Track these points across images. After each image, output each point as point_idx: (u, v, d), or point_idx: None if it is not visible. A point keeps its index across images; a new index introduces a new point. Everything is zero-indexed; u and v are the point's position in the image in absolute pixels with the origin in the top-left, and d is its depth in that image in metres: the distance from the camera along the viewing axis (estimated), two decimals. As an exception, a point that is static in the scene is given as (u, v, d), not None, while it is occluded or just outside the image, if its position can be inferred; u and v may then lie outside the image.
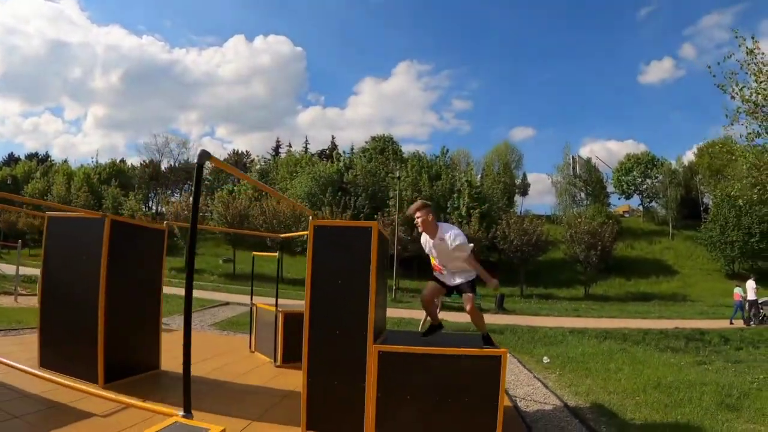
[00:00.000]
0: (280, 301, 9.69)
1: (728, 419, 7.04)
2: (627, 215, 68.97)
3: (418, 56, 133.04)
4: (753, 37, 13.38)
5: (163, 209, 57.97)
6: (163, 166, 79.72)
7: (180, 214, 43.98)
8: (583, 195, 64.43)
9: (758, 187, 14.41)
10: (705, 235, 49.10)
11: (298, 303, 12.80)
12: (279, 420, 5.79)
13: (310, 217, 5.92)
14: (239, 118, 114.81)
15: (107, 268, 6.60)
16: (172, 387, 6.80)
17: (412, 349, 5.31)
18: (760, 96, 13.18)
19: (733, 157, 15.93)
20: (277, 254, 9.46)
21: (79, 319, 6.71)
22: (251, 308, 10.23)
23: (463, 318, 12.71)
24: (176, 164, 79.40)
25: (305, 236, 6.68)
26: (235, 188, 59.39)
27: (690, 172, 63.36)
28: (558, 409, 7.41)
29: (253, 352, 9.90)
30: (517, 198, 66.63)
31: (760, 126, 13.53)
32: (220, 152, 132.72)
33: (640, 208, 67.88)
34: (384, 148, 59.06)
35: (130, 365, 7.18)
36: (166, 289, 8.78)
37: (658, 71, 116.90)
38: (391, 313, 17.02)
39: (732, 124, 14.05)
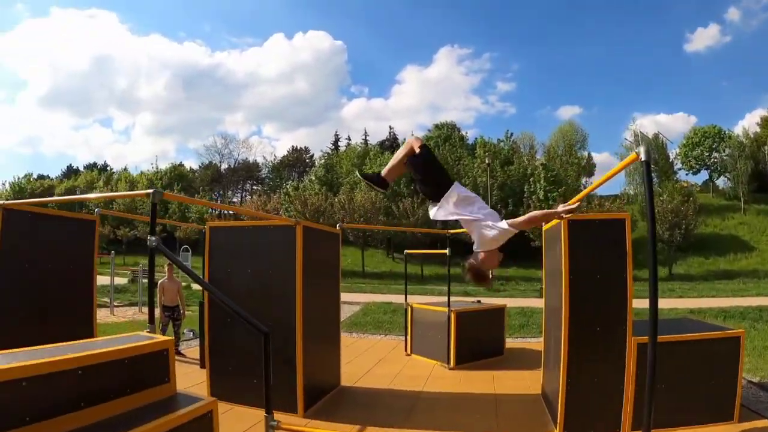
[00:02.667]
0: (382, 296, 9.19)
1: None
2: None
3: (458, 40, 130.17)
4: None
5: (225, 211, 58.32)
6: (223, 167, 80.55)
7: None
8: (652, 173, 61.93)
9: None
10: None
11: (419, 299, 12.39)
12: (523, 428, 5.41)
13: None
14: (284, 116, 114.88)
15: (302, 281, 5.92)
16: (369, 406, 6.33)
17: (663, 338, 4.79)
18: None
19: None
20: (447, 251, 8.83)
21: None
22: (406, 308, 9.60)
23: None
24: (236, 164, 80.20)
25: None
26: (300, 185, 59.28)
27: (756, 143, 60.31)
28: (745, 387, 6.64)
29: (410, 355, 9.24)
30: (584, 179, 64.68)
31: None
32: (269, 150, 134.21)
33: (702, 183, 64.89)
34: (449, 135, 57.95)
35: (321, 386, 6.56)
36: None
37: (704, 38, 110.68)
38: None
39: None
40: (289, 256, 5.91)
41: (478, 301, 10.19)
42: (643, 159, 2.67)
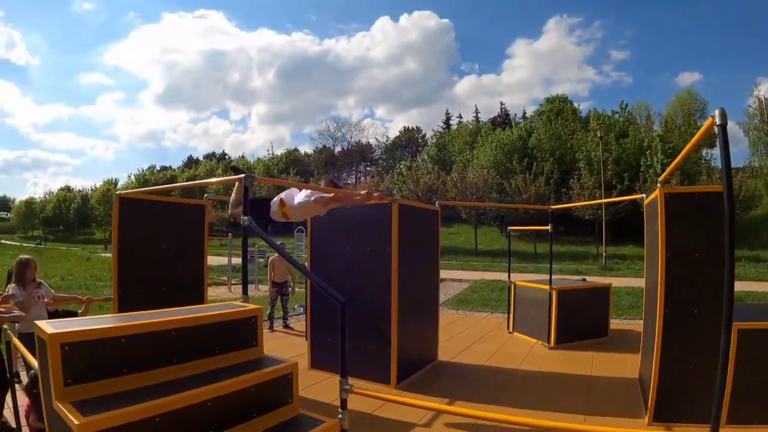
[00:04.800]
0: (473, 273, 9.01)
1: None
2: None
3: (566, 10, 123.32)
4: None
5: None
6: (336, 150, 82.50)
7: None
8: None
9: None
10: None
11: (521, 276, 12.15)
12: (612, 412, 5.18)
13: (659, 184, 5.11)
14: (396, 97, 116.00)
15: (398, 256, 6.04)
16: (462, 380, 6.41)
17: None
18: None
19: None
20: (549, 227, 8.64)
21: (360, 312, 6.09)
22: (509, 286, 9.50)
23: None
24: (349, 147, 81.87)
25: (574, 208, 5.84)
26: (414, 164, 59.59)
27: None
28: None
29: (512, 333, 9.17)
30: (705, 151, 59.43)
31: None
32: (381, 131, 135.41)
33: None
34: (561, 108, 55.63)
35: (416, 360, 6.70)
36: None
37: None
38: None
39: None
40: (385, 233, 6.05)
41: (584, 280, 9.90)
42: (718, 123, 2.50)
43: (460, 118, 79.55)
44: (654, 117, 58.82)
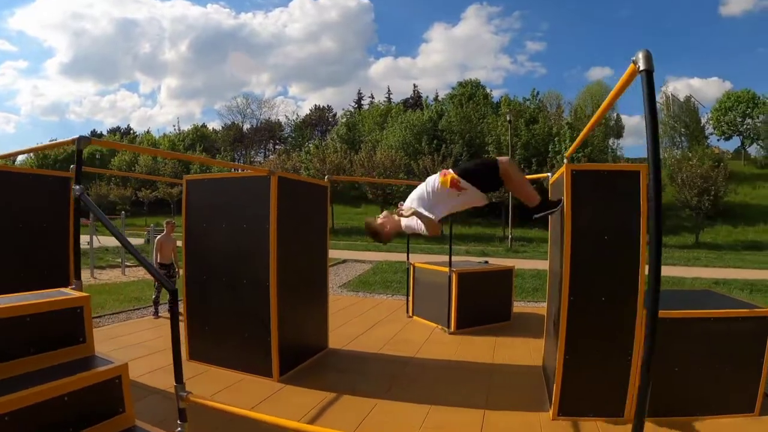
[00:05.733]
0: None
1: None
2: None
3: None
4: None
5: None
6: (245, 127, 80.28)
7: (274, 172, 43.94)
8: (681, 137, 59.80)
9: None
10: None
11: (426, 258, 11.83)
12: (514, 405, 4.77)
13: (565, 160, 4.71)
14: (311, 76, 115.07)
15: (277, 234, 5.36)
16: (351, 372, 5.83)
17: (676, 313, 4.34)
18: None
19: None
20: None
21: (237, 297, 5.59)
22: (408, 267, 8.99)
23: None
24: (258, 124, 79.85)
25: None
26: (322, 143, 58.48)
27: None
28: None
29: (411, 317, 8.71)
30: (612, 141, 62.41)
31: None
32: (292, 109, 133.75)
33: (733, 151, 62.12)
34: (473, 93, 56.33)
35: (302, 349, 6.09)
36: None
37: (740, 2, 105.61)
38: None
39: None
40: (263, 209, 5.37)
41: (486, 262, 9.59)
42: (641, 68, 2.00)
43: (372, 98, 79.51)
44: (564, 106, 61.17)
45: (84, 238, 13.78)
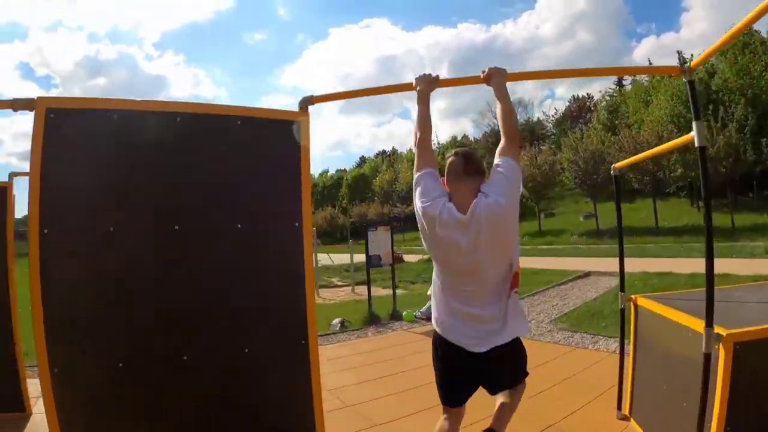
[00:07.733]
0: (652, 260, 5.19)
1: None
2: None
3: None
4: None
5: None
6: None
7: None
8: None
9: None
10: None
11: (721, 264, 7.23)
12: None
13: None
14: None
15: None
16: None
17: None
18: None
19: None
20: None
21: None
22: (622, 308, 4.37)
23: None
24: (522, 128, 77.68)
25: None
26: (583, 134, 51.73)
27: None
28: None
29: (626, 418, 4.19)
30: None
31: None
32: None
33: None
34: (746, 42, 43.07)
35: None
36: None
37: None
38: None
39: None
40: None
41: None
42: None
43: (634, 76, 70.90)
44: None
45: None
